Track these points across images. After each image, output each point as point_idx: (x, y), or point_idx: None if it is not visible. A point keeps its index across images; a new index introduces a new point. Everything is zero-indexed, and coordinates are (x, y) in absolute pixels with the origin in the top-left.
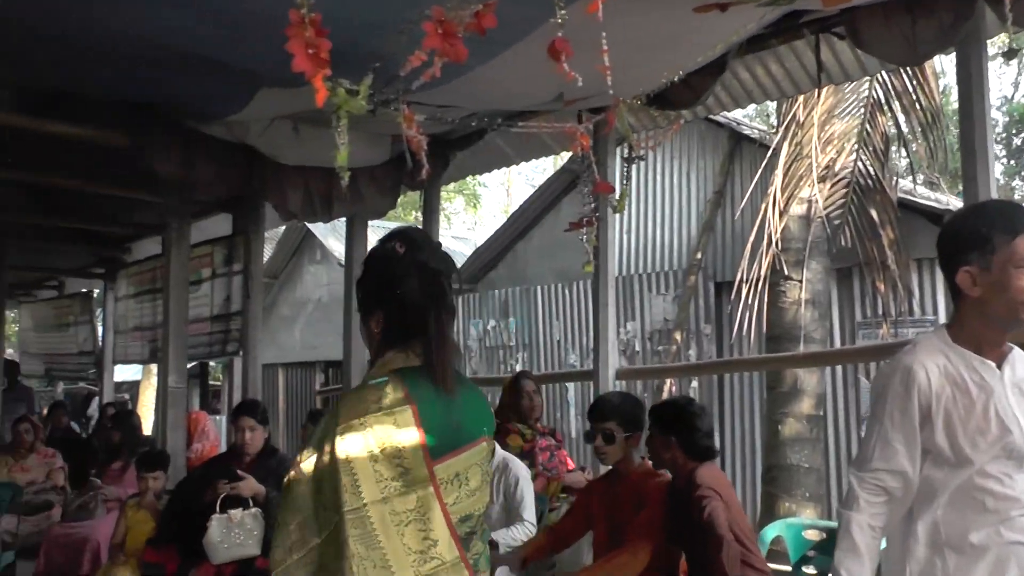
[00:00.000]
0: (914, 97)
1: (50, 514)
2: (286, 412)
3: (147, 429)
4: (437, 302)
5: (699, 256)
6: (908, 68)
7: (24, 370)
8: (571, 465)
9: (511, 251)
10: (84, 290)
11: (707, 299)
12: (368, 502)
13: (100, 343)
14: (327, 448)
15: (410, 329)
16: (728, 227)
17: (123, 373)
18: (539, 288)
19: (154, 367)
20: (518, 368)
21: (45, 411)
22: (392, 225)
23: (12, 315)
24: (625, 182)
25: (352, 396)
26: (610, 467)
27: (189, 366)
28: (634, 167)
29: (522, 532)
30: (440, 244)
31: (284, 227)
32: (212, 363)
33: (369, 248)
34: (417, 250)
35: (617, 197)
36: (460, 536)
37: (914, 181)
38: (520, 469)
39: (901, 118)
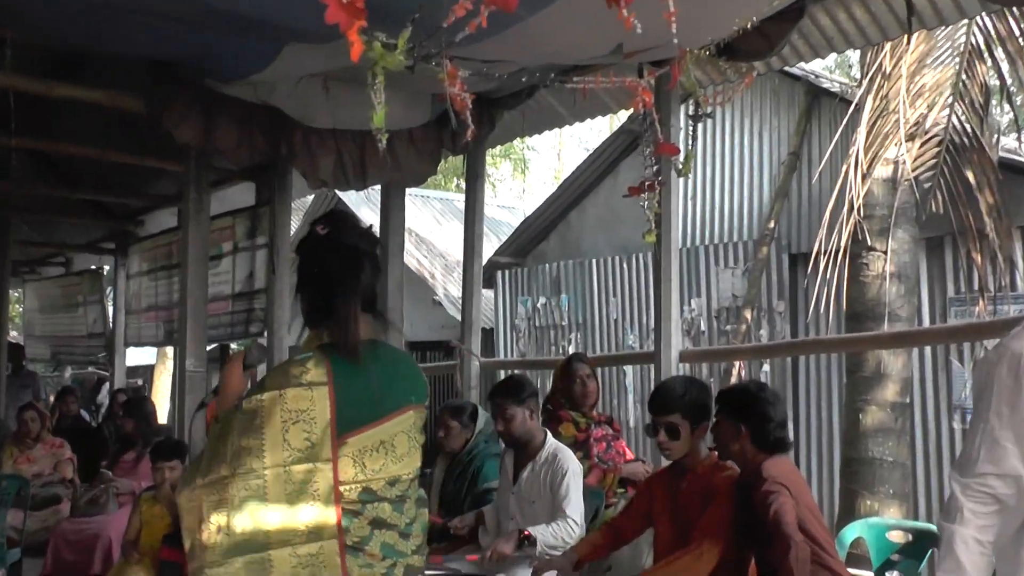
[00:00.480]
0: (1021, 43)
1: (58, 508)
2: None
3: (162, 417)
4: (349, 280)
5: (772, 225)
6: (1015, 9)
7: (29, 354)
8: (630, 456)
9: (563, 221)
10: (94, 267)
11: (780, 273)
12: (268, 466)
13: (111, 324)
14: (249, 410)
15: (326, 308)
16: (804, 192)
17: (136, 357)
18: (594, 262)
19: (170, 350)
20: (571, 350)
21: (52, 398)
22: (432, 194)
23: (16, 295)
24: (691, 143)
25: (279, 368)
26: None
27: (209, 349)
28: (701, 126)
29: (563, 529)
30: (368, 226)
31: (312, 196)
32: (234, 345)
33: (406, 219)
34: (338, 230)
35: (682, 159)
36: (391, 499)
37: (1019, 139)
38: (570, 461)
39: (1004, 67)
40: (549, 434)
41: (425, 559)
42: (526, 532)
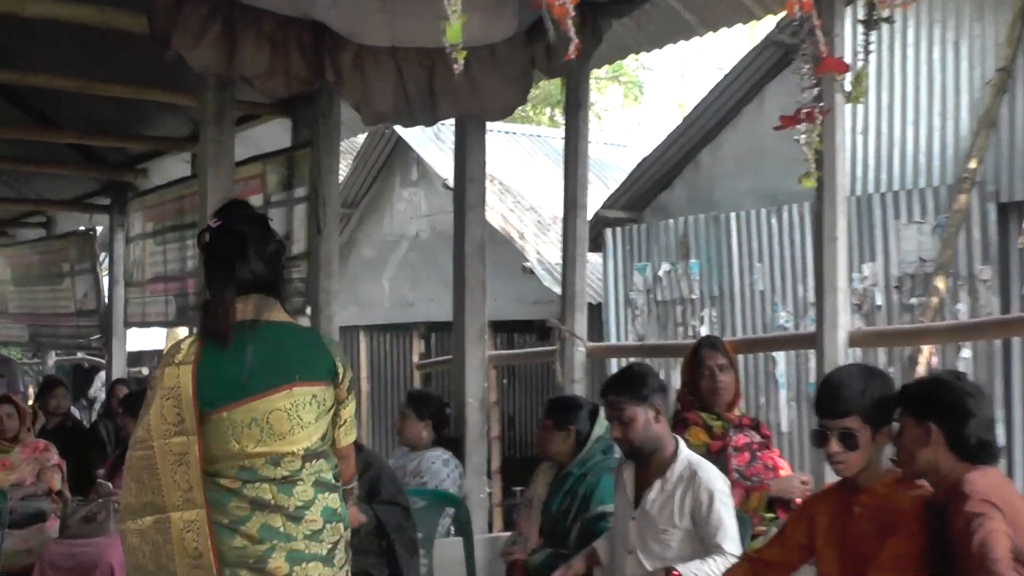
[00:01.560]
0: None
1: (43, 527)
2: (372, 393)
3: None
4: (227, 266)
5: (974, 165)
6: None
7: (2, 336)
8: (782, 470)
9: (691, 163)
10: (83, 228)
11: (985, 228)
12: (154, 437)
13: (106, 299)
14: (150, 386)
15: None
16: (1019, 122)
17: (140, 340)
18: (732, 217)
19: (182, 331)
20: (702, 332)
21: (33, 391)
22: (521, 129)
23: None
24: (863, 58)
25: (168, 348)
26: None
27: None
28: (876, 35)
29: (719, 567)
30: (260, 214)
31: (366, 135)
32: None
33: (488, 162)
34: (228, 221)
35: (851, 80)
36: (274, 479)
37: None
38: (713, 480)
39: None
40: (682, 443)
41: (338, 552)
42: (676, 572)
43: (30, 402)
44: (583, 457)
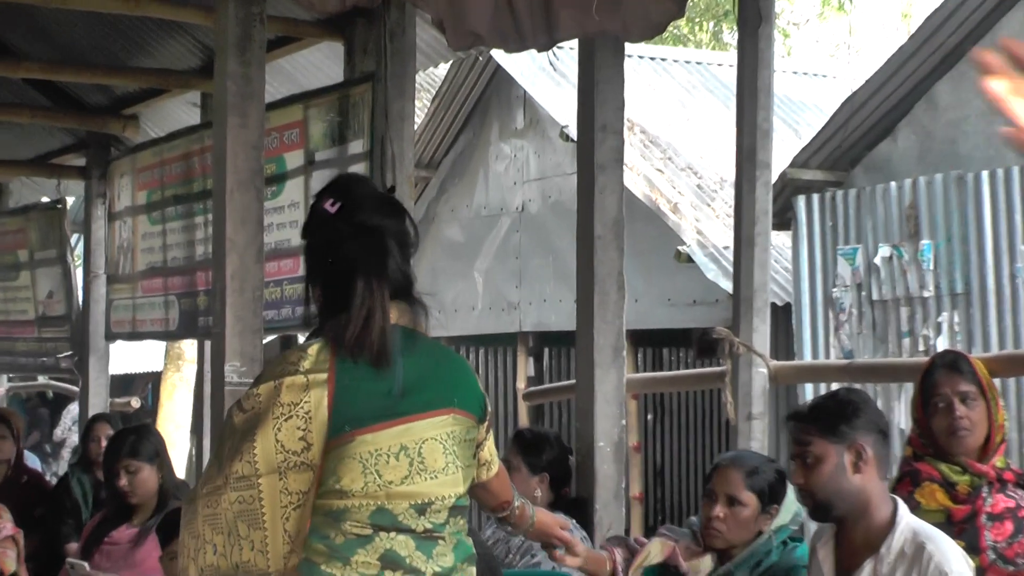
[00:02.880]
0: None
1: None
2: None
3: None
4: (369, 269)
5: None
6: None
7: None
8: None
9: (923, 99)
10: (48, 200)
11: None
12: (263, 473)
13: (80, 301)
14: (247, 405)
15: (342, 299)
16: None
17: (129, 359)
18: (985, 177)
19: (190, 346)
20: (939, 345)
21: None
22: (673, 54)
23: None
24: None
25: (278, 357)
26: None
27: (266, 342)
28: None
29: None
30: (390, 189)
31: (450, 66)
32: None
33: (626, 103)
34: (353, 207)
35: None
36: (416, 531)
37: None
38: (949, 558)
39: None
40: (902, 506)
41: None
42: None
43: None
44: (757, 548)
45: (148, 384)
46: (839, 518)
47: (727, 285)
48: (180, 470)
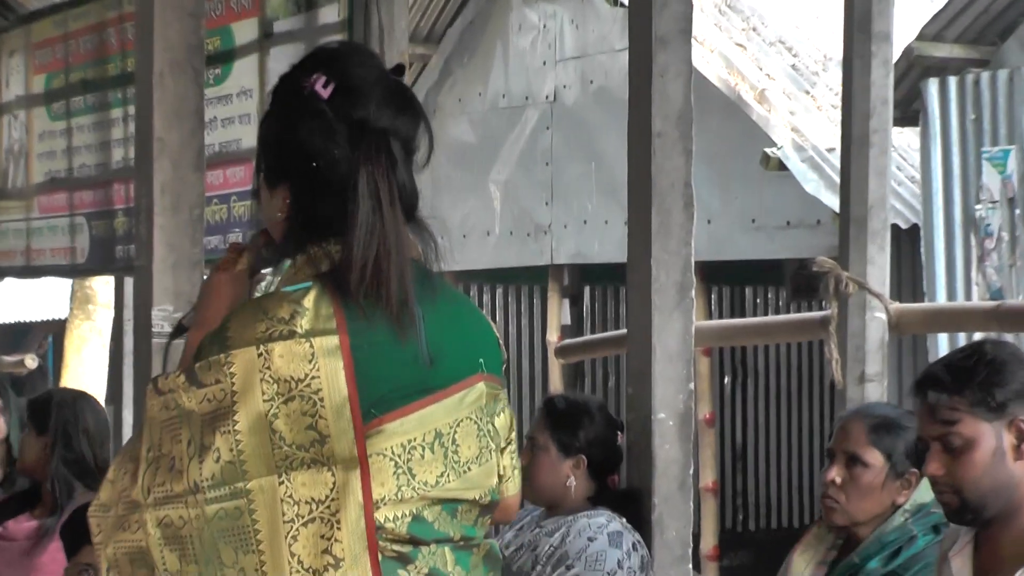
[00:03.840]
0: None
1: None
2: None
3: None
4: (377, 182)
5: None
6: None
7: None
8: None
9: None
10: None
11: None
12: (253, 476)
13: None
14: (207, 380)
15: (328, 218)
16: None
17: (21, 302)
18: None
19: (104, 286)
20: None
21: None
22: None
23: None
24: None
25: (250, 309)
26: None
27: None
28: None
29: None
30: (397, 69)
31: None
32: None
33: None
34: (354, 96)
35: None
36: (454, 540)
37: None
38: None
39: None
40: None
41: None
42: None
43: None
44: (881, 533)
45: (48, 336)
46: (986, 519)
47: (832, 201)
48: None
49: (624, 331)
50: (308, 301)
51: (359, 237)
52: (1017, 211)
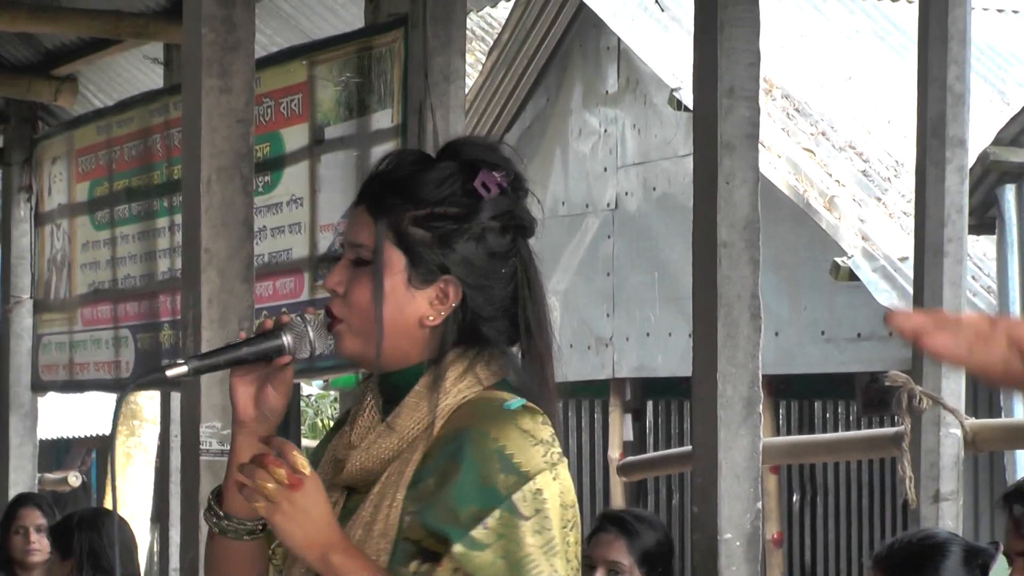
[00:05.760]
0: None
1: None
2: None
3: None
4: (540, 293)
5: None
6: None
7: None
8: None
9: None
10: None
11: None
12: None
13: None
14: (508, 535)
15: (495, 325)
16: None
17: (64, 418)
18: None
19: (150, 401)
20: None
21: None
22: None
23: None
24: None
25: (513, 430)
26: None
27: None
28: None
29: None
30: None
31: (513, 3)
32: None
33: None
34: (522, 191)
35: None
36: None
37: None
38: None
39: None
40: None
41: None
42: None
43: None
44: None
45: (91, 452)
46: None
47: (903, 306)
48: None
49: (689, 448)
50: (543, 419)
51: (537, 354)
52: None
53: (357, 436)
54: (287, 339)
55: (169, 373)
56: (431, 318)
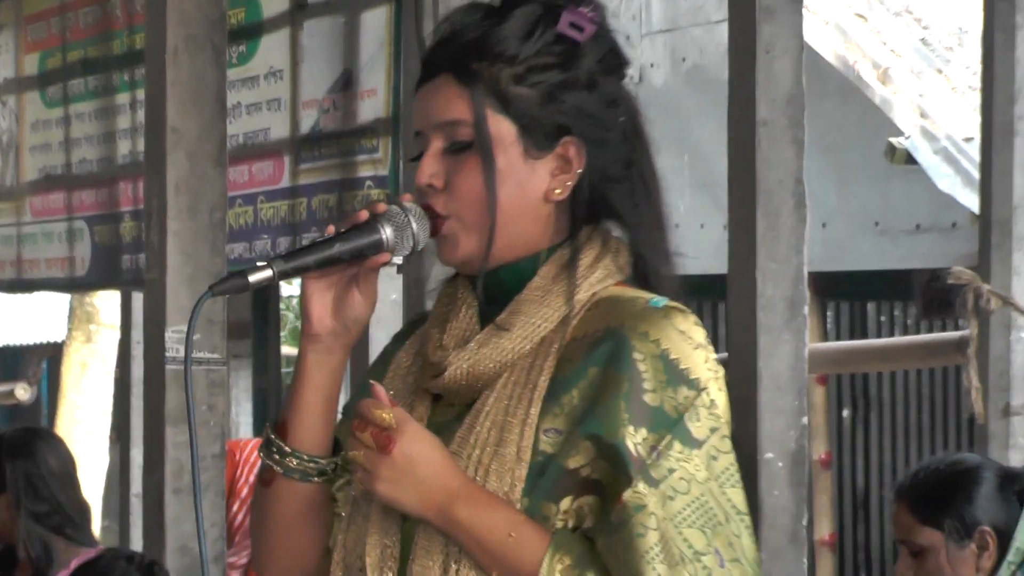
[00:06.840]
0: None
1: None
2: None
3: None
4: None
5: None
6: None
7: None
8: None
9: None
10: None
11: None
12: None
13: None
14: (709, 443)
15: (623, 188)
16: None
17: (11, 322)
18: None
19: (108, 302)
20: None
21: None
22: None
23: None
24: None
25: (672, 330)
26: None
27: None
28: None
29: None
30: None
31: None
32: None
33: None
34: (606, 33)
35: None
36: None
37: None
38: None
39: None
40: None
41: None
42: None
43: None
44: None
45: (42, 361)
46: None
47: (971, 200)
48: (95, 491)
49: (724, 355)
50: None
51: (660, 234)
52: None
53: (453, 340)
54: (387, 232)
55: (251, 278)
56: (558, 191)
